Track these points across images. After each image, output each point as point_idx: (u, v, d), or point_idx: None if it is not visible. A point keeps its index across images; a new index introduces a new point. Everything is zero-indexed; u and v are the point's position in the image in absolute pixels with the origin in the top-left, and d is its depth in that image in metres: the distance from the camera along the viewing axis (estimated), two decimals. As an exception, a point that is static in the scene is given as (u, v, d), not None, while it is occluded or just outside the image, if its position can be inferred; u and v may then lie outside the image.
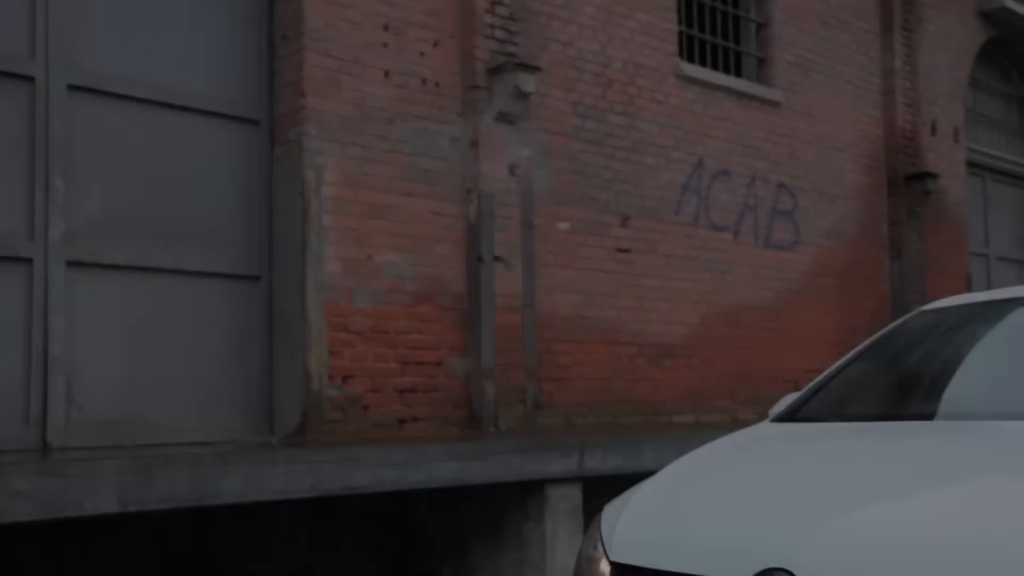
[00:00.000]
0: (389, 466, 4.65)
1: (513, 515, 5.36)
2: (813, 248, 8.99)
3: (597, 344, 7.23)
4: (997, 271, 11.41)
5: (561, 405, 6.95)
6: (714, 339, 8.08)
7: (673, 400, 7.74)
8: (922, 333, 3.72)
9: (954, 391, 3.37)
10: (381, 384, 5.98)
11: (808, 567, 2.17)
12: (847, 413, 3.45)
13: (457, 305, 6.40)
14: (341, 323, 5.82)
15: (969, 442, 2.81)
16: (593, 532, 2.79)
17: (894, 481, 2.51)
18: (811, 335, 8.88)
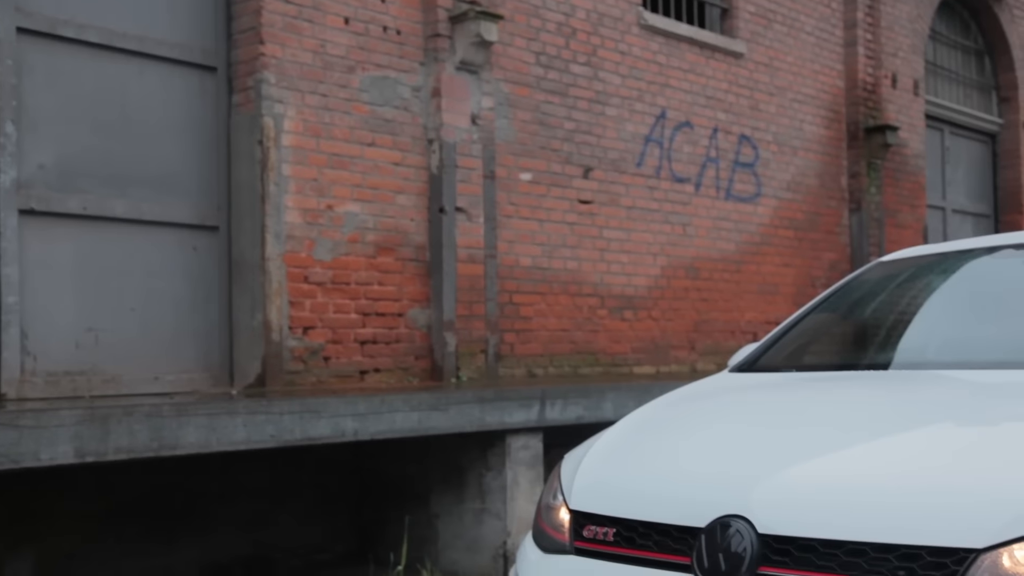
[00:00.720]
0: (350, 417, 4.65)
1: (474, 465, 5.39)
2: (774, 200, 9.04)
3: (558, 295, 7.25)
4: (953, 224, 11.55)
5: (522, 356, 6.98)
6: (675, 291, 8.13)
7: (633, 351, 7.80)
8: (878, 285, 3.76)
9: (909, 342, 3.42)
10: (342, 335, 5.96)
11: (764, 514, 2.20)
12: (804, 363, 3.50)
13: (418, 256, 6.37)
14: (301, 274, 5.78)
15: (922, 391, 2.85)
16: (553, 481, 2.82)
17: (848, 430, 2.56)
18: (770, 287, 8.96)
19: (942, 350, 3.22)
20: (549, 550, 2.61)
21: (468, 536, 5.40)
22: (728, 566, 2.17)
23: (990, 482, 2.09)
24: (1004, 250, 3.57)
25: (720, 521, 2.24)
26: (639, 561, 2.35)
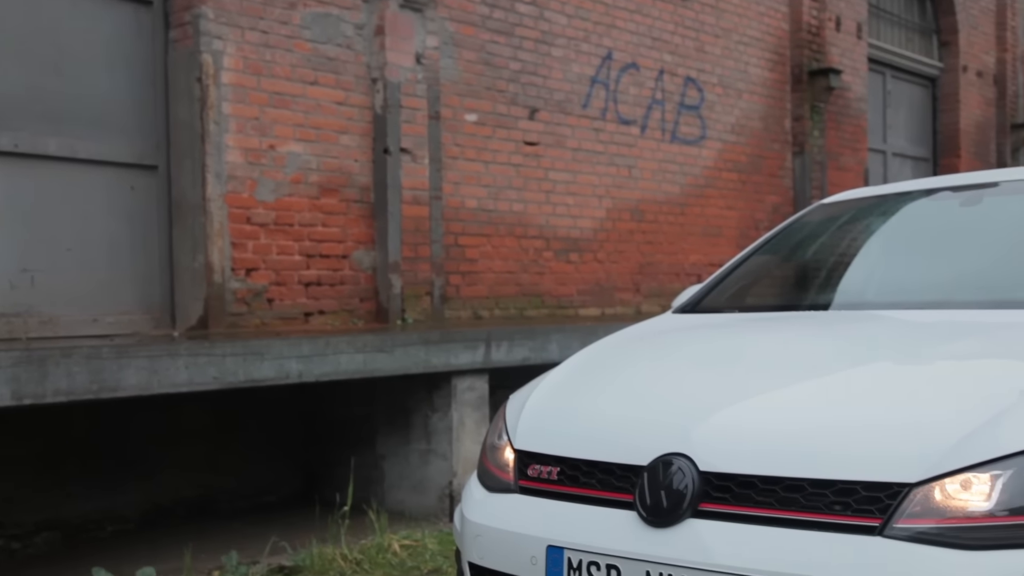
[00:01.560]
0: (294, 358, 4.62)
1: (420, 406, 5.41)
2: (718, 143, 9.08)
3: (504, 237, 7.24)
4: (893, 167, 11.72)
5: (468, 298, 6.98)
6: (620, 233, 8.16)
7: (579, 293, 7.84)
8: (820, 227, 3.81)
9: (849, 283, 3.47)
10: (286, 277, 5.90)
11: (705, 452, 2.24)
12: (746, 304, 3.54)
13: (363, 198, 6.31)
14: (243, 215, 5.70)
15: (860, 331, 2.91)
16: (498, 421, 2.83)
17: (788, 368, 2.60)
18: (714, 229, 9.04)
19: (880, 291, 3.28)
20: (494, 489, 2.63)
21: (414, 477, 5.44)
22: (670, 503, 2.20)
23: (923, 419, 2.14)
24: (941, 192, 3.62)
25: (662, 459, 2.27)
26: (583, 499, 2.38)
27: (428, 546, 4.53)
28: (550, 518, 2.40)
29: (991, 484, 1.98)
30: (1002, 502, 1.96)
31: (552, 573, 2.32)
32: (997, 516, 1.95)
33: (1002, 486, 1.97)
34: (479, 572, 2.55)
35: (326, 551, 4.20)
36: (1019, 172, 3.61)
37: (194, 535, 4.74)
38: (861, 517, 2.02)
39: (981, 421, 2.08)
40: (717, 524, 2.15)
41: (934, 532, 1.96)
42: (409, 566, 4.29)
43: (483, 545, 2.53)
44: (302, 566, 4.08)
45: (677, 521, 2.19)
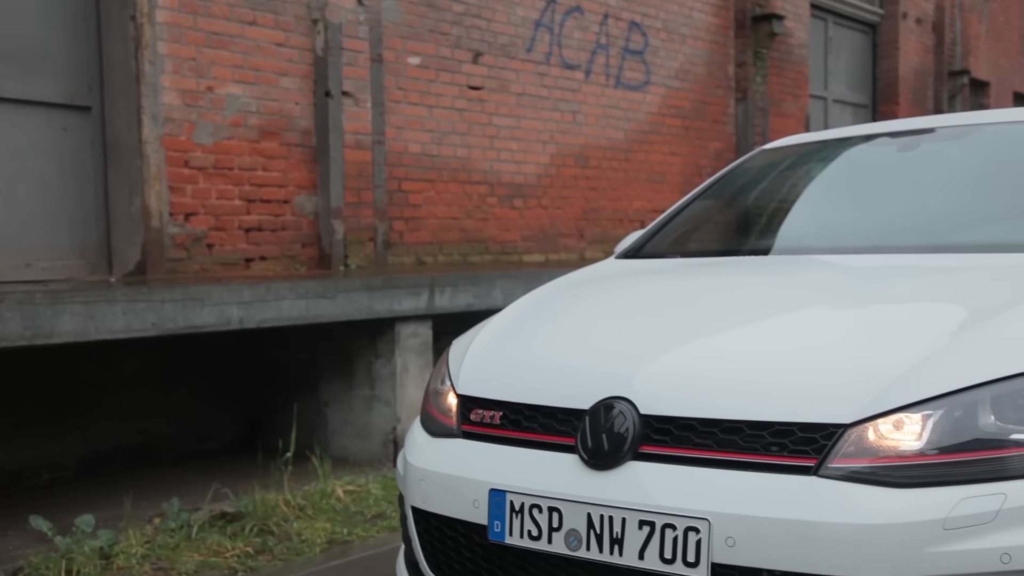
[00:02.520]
0: (235, 304, 4.57)
1: (363, 352, 5.39)
2: (662, 89, 9.07)
3: (448, 183, 7.19)
4: (834, 113, 11.82)
5: (412, 244, 6.94)
6: (564, 179, 8.15)
7: (523, 239, 7.84)
8: (761, 172, 3.83)
9: (789, 228, 3.51)
10: (226, 222, 5.81)
11: (646, 395, 2.26)
12: (688, 249, 3.56)
13: (304, 142, 6.21)
14: (181, 158, 5.58)
15: (799, 276, 2.94)
16: (441, 367, 2.83)
17: (727, 313, 2.62)
18: (658, 175, 9.07)
19: (820, 236, 3.31)
20: (437, 434, 2.63)
21: (358, 423, 5.44)
22: (611, 446, 2.22)
23: (858, 361, 2.18)
24: (880, 138, 3.66)
25: (603, 403, 2.28)
26: (525, 443, 2.40)
27: (372, 491, 4.55)
28: (492, 462, 2.41)
29: (922, 424, 2.02)
30: (932, 441, 2.01)
31: (494, 516, 2.33)
32: (927, 455, 2.00)
33: (932, 426, 2.02)
34: (422, 516, 2.56)
35: (269, 497, 4.19)
36: (955, 119, 3.66)
37: (134, 483, 4.70)
38: (797, 457, 2.06)
39: (913, 363, 2.12)
40: (657, 466, 2.18)
41: (867, 471, 2.01)
42: (353, 511, 4.31)
43: (426, 489, 2.54)
44: (245, 512, 4.07)
45: (618, 464, 2.21)
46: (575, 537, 2.21)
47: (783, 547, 1.99)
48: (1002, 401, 2.02)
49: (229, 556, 3.72)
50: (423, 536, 2.56)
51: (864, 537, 1.95)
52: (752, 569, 2.03)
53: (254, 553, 3.78)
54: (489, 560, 2.38)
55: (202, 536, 3.89)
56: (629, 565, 2.14)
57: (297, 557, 3.77)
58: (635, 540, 2.13)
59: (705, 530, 2.05)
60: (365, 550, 3.84)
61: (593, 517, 2.19)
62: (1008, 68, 15.57)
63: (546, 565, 2.28)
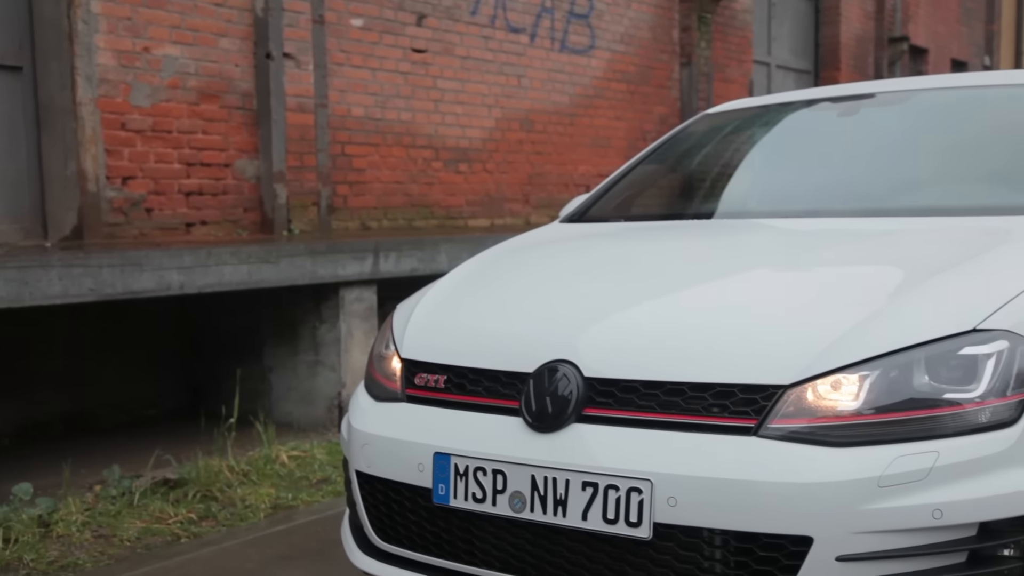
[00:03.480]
0: (175, 269, 4.50)
1: (308, 318, 5.35)
2: (607, 53, 9.06)
3: (392, 147, 7.13)
4: (777, 79, 11.91)
5: (356, 209, 6.88)
6: (509, 143, 8.13)
7: (468, 204, 7.81)
8: (704, 137, 3.85)
9: (731, 192, 3.54)
10: (165, 186, 5.70)
11: (590, 358, 2.27)
12: (632, 213, 3.57)
13: (245, 104, 6.10)
14: (117, 120, 5.45)
15: (741, 239, 2.97)
16: (385, 331, 2.82)
17: (670, 276, 2.64)
18: (603, 140, 9.07)
19: (762, 200, 3.35)
20: (381, 398, 2.63)
21: (302, 388, 5.41)
22: (555, 408, 2.23)
23: (797, 323, 2.22)
24: (821, 103, 3.70)
25: (548, 366, 2.29)
26: (469, 406, 2.40)
27: (317, 456, 4.54)
28: (437, 426, 2.42)
29: (859, 384, 2.06)
30: (869, 401, 2.05)
31: (439, 479, 2.34)
32: (864, 414, 2.04)
33: (869, 386, 2.06)
34: (367, 480, 2.55)
35: (212, 463, 4.16)
36: (894, 84, 3.71)
37: (73, 450, 4.63)
38: (738, 418, 2.09)
39: (851, 325, 2.15)
40: (600, 428, 2.20)
41: (805, 431, 2.04)
42: (298, 476, 4.29)
43: (370, 454, 2.53)
44: (187, 479, 4.04)
45: (562, 426, 2.22)
46: (519, 499, 2.22)
47: (723, 506, 2.03)
48: (936, 361, 2.07)
49: (172, 523, 3.69)
50: (368, 500, 2.56)
51: (802, 495, 1.99)
52: (693, 528, 2.06)
53: (197, 519, 3.75)
54: (434, 523, 2.39)
55: (144, 503, 3.85)
56: (572, 526, 2.16)
57: (241, 523, 3.75)
58: (578, 501, 2.15)
59: (647, 490, 2.08)
60: (310, 515, 3.83)
61: (537, 479, 2.20)
62: (946, 35, 15.80)
63: (491, 527, 2.29)
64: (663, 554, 2.08)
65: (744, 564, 2.03)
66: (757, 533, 2.01)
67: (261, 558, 3.35)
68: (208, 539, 3.58)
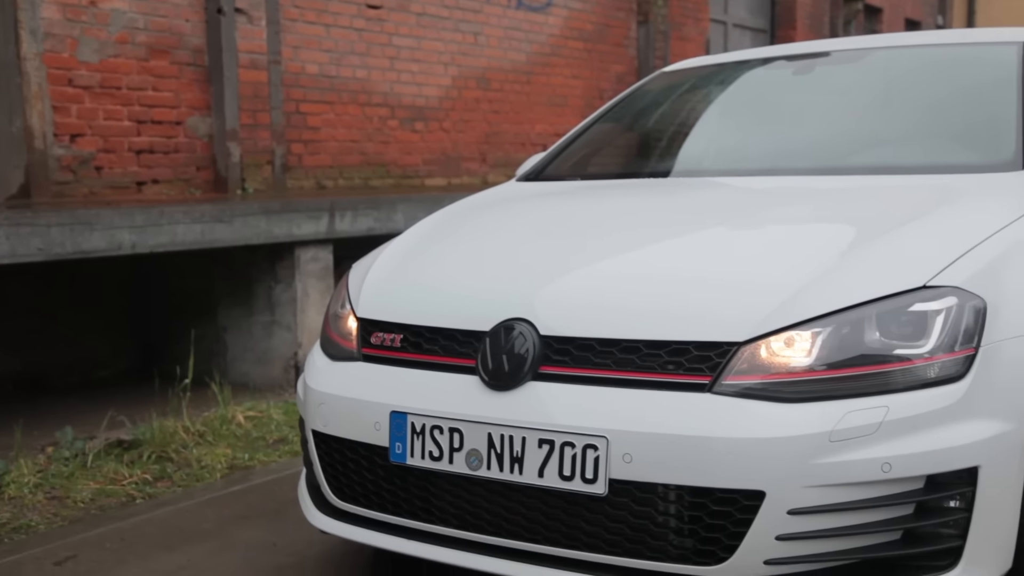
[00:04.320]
0: (126, 229, 4.43)
1: (263, 278, 5.30)
2: (564, 11, 8.99)
3: (347, 105, 7.04)
4: (733, 38, 11.91)
5: (311, 167, 6.81)
6: (466, 102, 8.06)
7: (424, 163, 7.76)
8: (661, 95, 3.84)
9: (688, 150, 3.54)
10: (115, 144, 5.59)
11: (546, 316, 2.27)
12: (589, 172, 3.57)
13: (196, 61, 5.99)
14: (64, 76, 5.33)
15: (697, 197, 2.98)
16: (340, 290, 2.80)
17: (626, 234, 2.65)
18: (560, 99, 9.03)
19: (718, 158, 3.35)
20: (337, 358, 2.62)
21: (258, 349, 5.37)
22: (511, 367, 2.24)
23: (752, 281, 2.23)
24: (777, 61, 3.70)
25: (504, 324, 2.29)
26: (426, 365, 2.40)
27: (273, 417, 4.52)
28: (393, 385, 2.41)
29: (812, 341, 2.09)
30: (821, 357, 2.08)
31: (395, 438, 2.34)
32: (816, 370, 2.07)
33: (822, 342, 2.08)
34: (323, 440, 2.55)
35: (167, 424, 4.13)
36: (849, 42, 3.72)
37: (25, 412, 4.56)
38: (692, 375, 2.11)
39: (804, 282, 2.18)
40: (556, 386, 2.21)
41: (759, 387, 2.07)
42: (254, 437, 4.27)
43: (326, 413, 2.53)
44: (142, 440, 4.00)
45: (518, 384, 2.23)
46: (476, 457, 2.23)
47: (678, 462, 2.05)
48: (887, 318, 2.10)
49: (127, 484, 3.66)
50: (324, 459, 2.56)
51: (755, 450, 2.01)
52: (648, 484, 2.08)
53: (152, 480, 3.72)
54: (391, 481, 2.39)
55: (98, 464, 3.81)
56: (529, 483, 2.17)
57: (197, 483, 3.73)
58: (535, 458, 2.16)
59: (603, 447, 2.09)
60: (267, 475, 3.82)
61: (494, 437, 2.21)
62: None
63: (447, 485, 2.30)
64: (618, 510, 2.11)
65: (698, 519, 2.06)
66: (711, 488, 2.04)
67: (218, 518, 3.34)
68: (163, 500, 3.56)
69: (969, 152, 2.91)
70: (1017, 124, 2.83)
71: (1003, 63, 3.08)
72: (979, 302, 2.13)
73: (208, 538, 3.16)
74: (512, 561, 2.23)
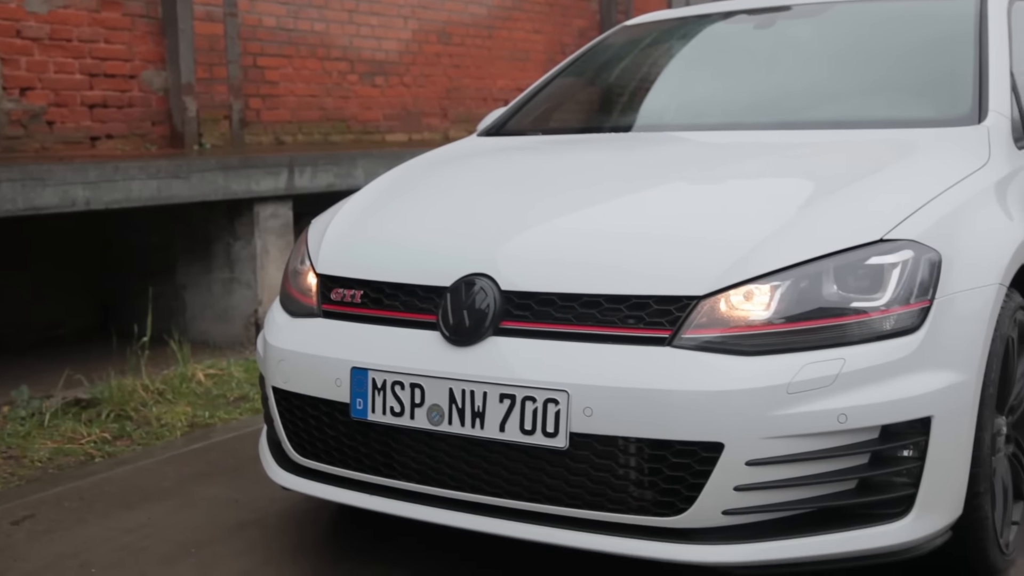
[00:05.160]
0: (80, 185, 4.35)
1: (221, 235, 5.24)
2: (526, -36, 8.90)
3: (306, 59, 6.94)
4: (696, -6, 11.87)
5: (269, 122, 6.71)
6: (427, 56, 7.97)
7: (385, 118, 7.68)
8: (623, 49, 3.82)
9: (649, 104, 3.53)
10: (67, 98, 5.48)
11: (507, 272, 2.27)
12: (550, 127, 3.55)
13: (149, 12, 5.86)
14: (12, 27, 5.19)
15: (657, 152, 2.98)
16: (300, 246, 2.77)
17: (587, 189, 2.64)
18: (521, 53, 8.96)
19: (679, 113, 3.35)
20: (297, 314, 2.60)
21: (218, 306, 5.32)
22: (472, 322, 2.24)
23: (711, 235, 2.24)
24: (738, 16, 3.69)
25: (465, 280, 2.29)
26: (386, 321, 2.39)
27: (234, 374, 4.49)
28: (354, 341, 2.40)
29: (770, 294, 2.10)
30: (779, 311, 2.09)
31: (356, 394, 2.33)
32: (775, 323, 2.08)
33: (780, 296, 2.10)
34: (283, 396, 2.54)
35: (126, 383, 4.09)
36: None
37: (-20, 372, 4.51)
38: (653, 329, 2.12)
39: (763, 236, 2.19)
40: (517, 341, 2.21)
41: (718, 340, 2.08)
42: (215, 395, 4.25)
43: (286, 370, 2.51)
44: (100, 398, 3.96)
45: (479, 339, 2.23)
46: (437, 412, 2.23)
47: (638, 415, 2.06)
48: (844, 271, 2.12)
49: (85, 443, 3.63)
50: (285, 416, 2.55)
51: (714, 403, 2.03)
52: (609, 437, 2.09)
53: (111, 439, 3.69)
54: (352, 437, 2.39)
55: (55, 423, 3.77)
56: (490, 437, 2.18)
57: (157, 441, 3.71)
58: (496, 413, 2.16)
59: (564, 401, 2.10)
60: (228, 432, 3.80)
61: (455, 392, 2.21)
62: (862, -49, 15.87)
63: (409, 440, 2.30)
64: (579, 463, 2.12)
65: (658, 471, 2.08)
66: (670, 440, 2.06)
67: (178, 476, 3.32)
68: (123, 458, 3.53)
69: (927, 106, 2.92)
70: (974, 78, 2.84)
71: (961, 17, 3.09)
72: (934, 255, 2.15)
73: (169, 496, 3.14)
74: (474, 515, 2.24)
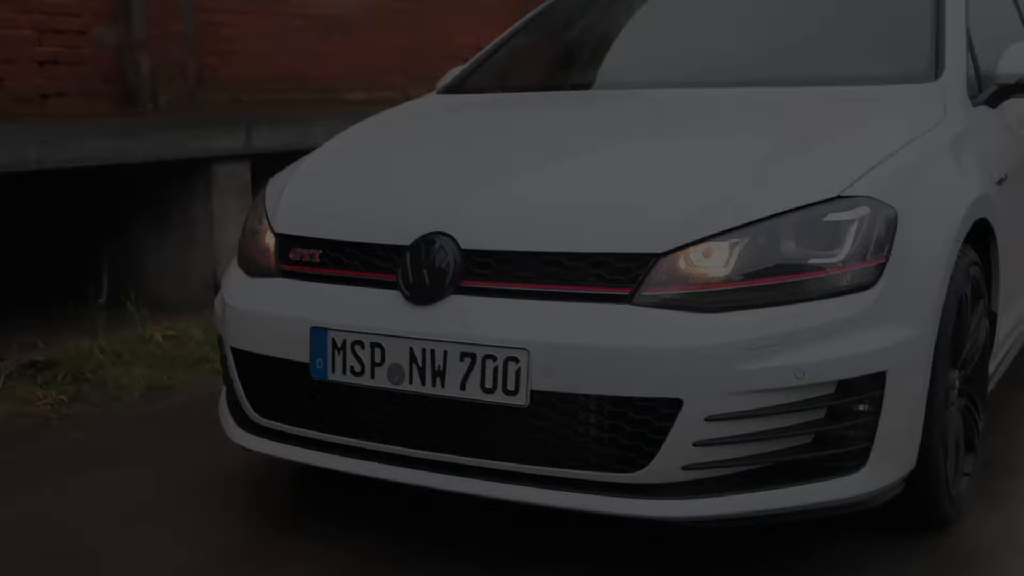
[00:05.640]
0: (31, 143, 4.26)
1: (177, 195, 5.17)
2: (486, -81, 8.78)
3: (262, 15, 6.81)
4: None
5: (226, 80, 6.60)
6: (386, 13, 7.86)
7: (344, 76, 7.57)
8: (583, 5, 3.80)
9: (609, 62, 3.52)
10: (15, 54, 5.33)
11: (466, 230, 2.26)
12: (510, 84, 3.53)
13: (100, -35, 5.71)
14: (-42, -18, 5.05)
15: (617, 109, 2.97)
16: (258, 205, 2.75)
17: (546, 147, 2.64)
18: (484, 10, 8.86)
19: (639, 70, 3.34)
20: (255, 274, 2.58)
21: (176, 267, 5.26)
22: (432, 281, 2.23)
23: (670, 192, 2.25)
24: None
25: (424, 238, 2.27)
26: (345, 280, 2.38)
27: (193, 336, 4.45)
28: (313, 300, 2.39)
29: (730, 252, 2.11)
30: (738, 268, 2.10)
31: (316, 354, 2.32)
32: (733, 281, 2.10)
33: (739, 253, 2.11)
34: (242, 357, 2.52)
35: (82, 345, 4.04)
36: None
37: (-69, 335, 4.43)
38: (613, 287, 2.12)
39: (722, 193, 2.20)
40: (478, 299, 2.21)
41: (678, 297, 2.09)
42: (173, 356, 4.21)
43: (245, 330, 2.50)
44: (56, 360, 3.91)
45: (439, 298, 2.22)
46: (398, 371, 2.23)
47: (598, 372, 2.07)
48: (802, 228, 2.13)
49: (41, 405, 3.59)
50: (244, 377, 2.53)
51: (673, 360, 2.05)
52: (569, 395, 2.10)
53: (68, 401, 3.65)
54: (312, 397, 2.38)
55: (10, 386, 3.72)
56: (451, 396, 2.18)
57: (115, 403, 3.68)
58: (457, 372, 2.16)
59: (524, 359, 2.10)
60: (187, 394, 3.78)
61: (415, 351, 2.21)
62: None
63: (369, 399, 2.30)
64: (540, 420, 2.13)
65: (618, 427, 2.09)
66: (630, 397, 2.07)
67: (137, 438, 3.30)
68: (80, 421, 3.50)
69: (884, 63, 2.94)
70: (931, 35, 2.86)
71: (918, -25, 3.10)
72: (891, 211, 2.17)
73: (127, 458, 3.12)
74: (436, 473, 2.25)
